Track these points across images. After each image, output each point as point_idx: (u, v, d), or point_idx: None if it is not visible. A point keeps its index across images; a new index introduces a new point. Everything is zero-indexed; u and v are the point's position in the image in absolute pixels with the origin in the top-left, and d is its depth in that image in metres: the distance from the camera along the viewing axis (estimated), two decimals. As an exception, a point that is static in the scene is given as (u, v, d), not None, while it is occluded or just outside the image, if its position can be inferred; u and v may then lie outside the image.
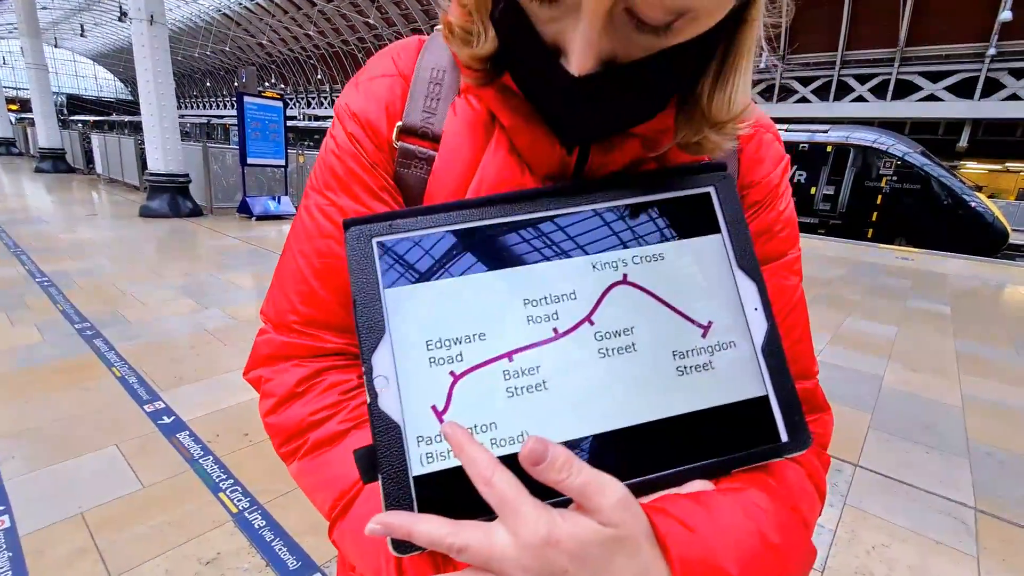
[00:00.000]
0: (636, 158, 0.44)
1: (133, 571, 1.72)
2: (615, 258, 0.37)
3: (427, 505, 0.33)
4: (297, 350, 0.48)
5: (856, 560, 1.93)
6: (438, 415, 0.33)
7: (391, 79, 0.48)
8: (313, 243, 0.47)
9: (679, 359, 0.36)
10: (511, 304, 0.35)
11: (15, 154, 19.69)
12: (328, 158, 0.48)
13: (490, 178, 0.45)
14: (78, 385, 2.94)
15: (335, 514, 0.42)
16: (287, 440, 0.46)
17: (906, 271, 7.52)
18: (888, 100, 18.62)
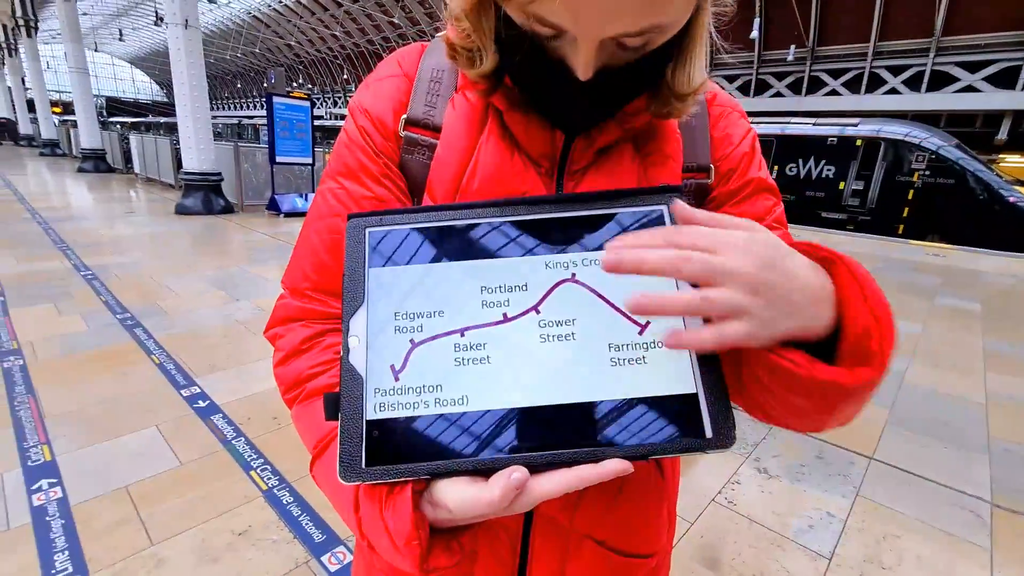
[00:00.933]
0: (614, 139, 0.52)
1: (172, 540, 1.86)
2: (567, 259, 0.42)
3: (372, 444, 0.38)
4: (307, 313, 0.56)
5: (865, 549, 1.95)
6: (395, 373, 0.40)
7: (397, 79, 0.56)
8: (325, 221, 0.55)
9: (614, 351, 0.39)
10: (470, 290, 0.41)
11: (59, 155, 20.60)
12: (341, 150, 0.56)
13: (485, 161, 0.52)
14: (120, 370, 3.13)
15: (315, 452, 0.49)
16: (289, 388, 0.53)
17: (937, 268, 7.31)
18: (923, 92, 17.97)
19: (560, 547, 0.56)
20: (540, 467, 0.36)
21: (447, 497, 0.37)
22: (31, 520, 1.91)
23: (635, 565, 0.60)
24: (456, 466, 0.37)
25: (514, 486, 0.34)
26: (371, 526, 0.40)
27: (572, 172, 0.53)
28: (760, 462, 2.48)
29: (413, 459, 0.38)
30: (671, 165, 0.55)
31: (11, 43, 23.93)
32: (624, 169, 0.53)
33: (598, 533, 0.57)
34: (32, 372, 3.05)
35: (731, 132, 0.58)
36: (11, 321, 3.80)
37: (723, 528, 2.04)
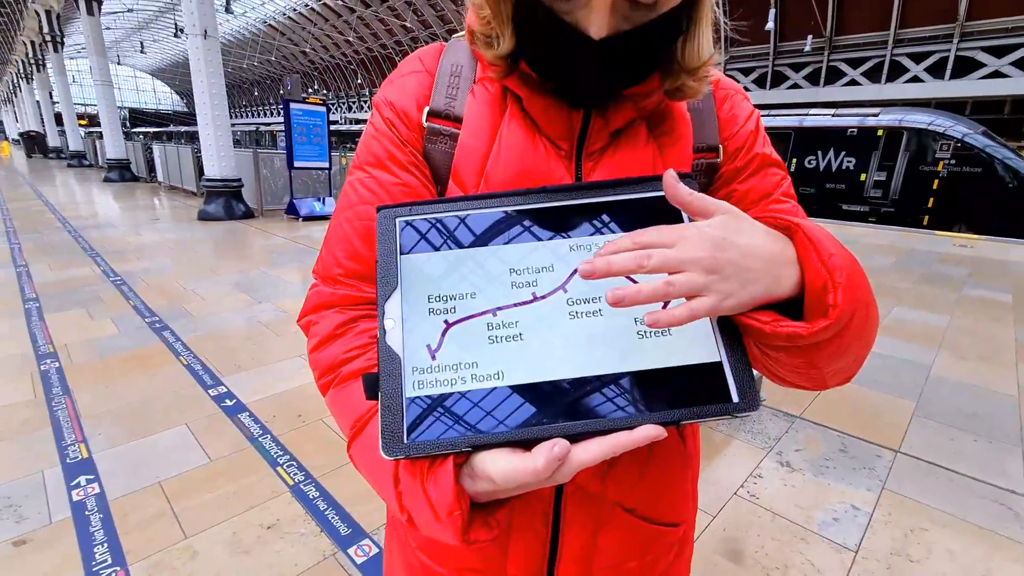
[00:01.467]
0: (629, 119, 0.55)
1: (205, 533, 1.92)
2: (590, 242, 0.44)
3: (414, 420, 0.40)
4: (340, 300, 0.57)
5: (892, 542, 1.92)
6: (431, 352, 0.41)
7: (419, 75, 0.59)
8: (355, 209, 0.58)
9: (640, 324, 0.41)
10: (499, 273, 0.43)
11: (86, 165, 21.23)
12: (368, 140, 0.59)
13: (507, 144, 0.55)
14: (150, 372, 3.23)
15: (352, 432, 0.50)
16: (324, 373, 0.55)
17: (964, 259, 7.13)
18: (947, 79, 17.49)
19: (592, 515, 0.58)
20: (577, 437, 0.38)
21: (489, 468, 0.37)
22: (71, 514, 1.99)
23: (663, 533, 0.62)
24: (496, 438, 0.38)
25: (557, 456, 0.35)
26: (412, 499, 0.42)
27: (590, 153, 0.55)
28: (782, 456, 2.46)
29: (453, 432, 0.39)
30: (682, 145, 0.57)
31: (39, 59, 24.73)
32: (639, 150, 0.55)
33: (628, 501, 0.59)
34: (68, 374, 3.17)
35: (737, 113, 0.61)
36: (47, 326, 3.94)
37: (746, 521, 2.03)
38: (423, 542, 0.63)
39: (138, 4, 39.34)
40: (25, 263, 5.80)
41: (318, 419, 2.72)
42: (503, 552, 0.59)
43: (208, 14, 8.23)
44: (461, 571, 0.61)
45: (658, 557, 0.63)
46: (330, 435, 2.59)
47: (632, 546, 0.60)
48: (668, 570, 0.65)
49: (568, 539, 0.58)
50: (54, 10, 19.17)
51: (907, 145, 11.14)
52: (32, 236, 7.32)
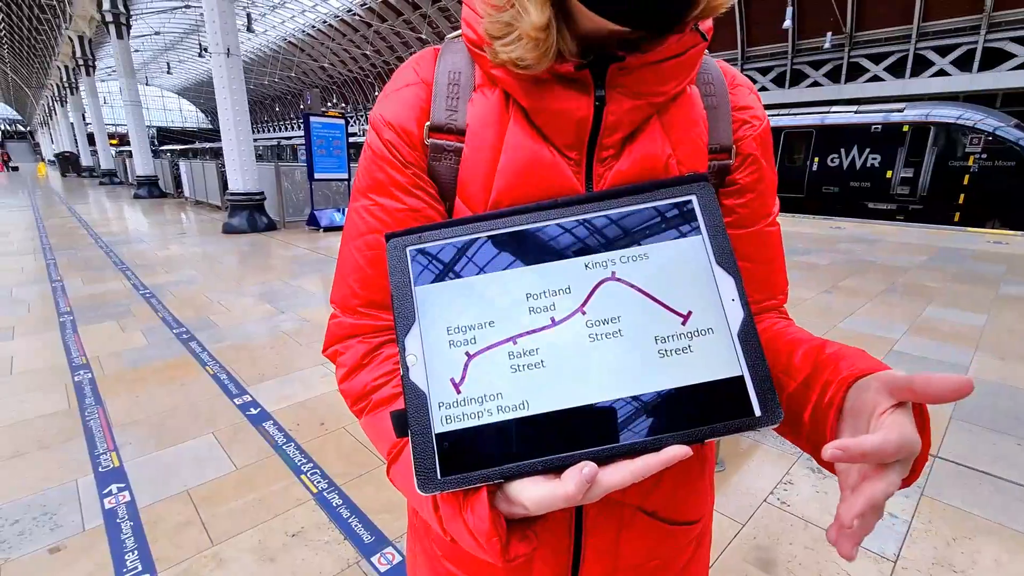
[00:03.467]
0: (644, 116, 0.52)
1: (231, 540, 1.94)
2: (605, 258, 0.43)
3: (445, 456, 0.40)
4: (361, 329, 0.57)
5: (934, 551, 1.84)
6: (455, 386, 0.41)
7: (415, 87, 0.56)
8: (364, 239, 0.57)
9: (660, 343, 0.41)
10: (516, 298, 0.43)
11: (116, 183, 21.98)
12: (368, 165, 0.57)
13: (515, 151, 0.52)
14: (178, 381, 3.30)
15: (390, 458, 0.50)
16: (356, 401, 0.56)
17: (999, 256, 6.87)
18: (975, 72, 16.98)
19: (613, 520, 0.58)
20: (604, 460, 0.38)
21: (523, 496, 0.38)
22: (103, 522, 2.03)
23: (682, 531, 0.63)
24: (527, 468, 0.39)
25: (586, 480, 0.36)
26: (452, 525, 0.43)
27: (601, 160, 0.53)
28: (813, 462, 2.37)
29: (484, 465, 0.40)
30: (698, 144, 0.55)
31: (73, 82, 25.79)
32: (654, 150, 0.53)
33: (648, 504, 0.59)
34: (100, 385, 3.26)
35: (754, 114, 0.59)
36: (80, 338, 4.07)
37: (776, 530, 1.97)
38: (448, 551, 0.62)
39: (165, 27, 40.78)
40: (60, 278, 6.01)
41: (340, 427, 2.74)
42: (528, 560, 0.58)
43: (231, 33, 8.47)
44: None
45: (678, 553, 0.64)
46: (352, 443, 2.60)
47: (653, 546, 0.61)
48: (688, 564, 0.66)
49: (591, 544, 0.58)
50: (86, 35, 19.98)
51: (935, 140, 10.84)
52: (67, 252, 7.59)
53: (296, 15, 37.25)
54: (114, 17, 14.75)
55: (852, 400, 0.42)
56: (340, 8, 33.84)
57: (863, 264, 6.40)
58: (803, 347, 0.52)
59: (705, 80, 0.58)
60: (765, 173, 0.59)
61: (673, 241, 0.43)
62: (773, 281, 0.63)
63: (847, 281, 5.64)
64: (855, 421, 0.42)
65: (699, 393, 0.40)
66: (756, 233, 0.60)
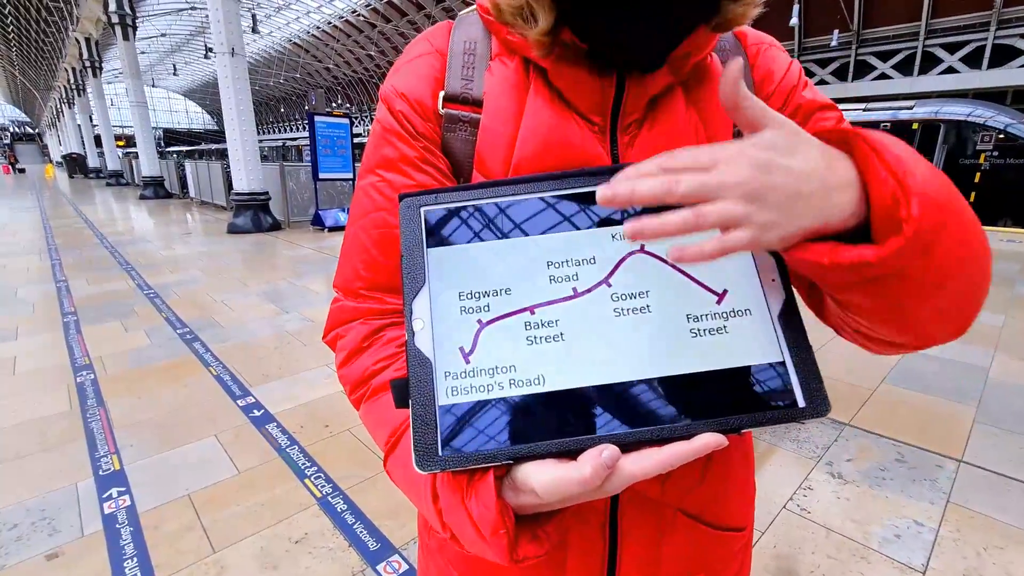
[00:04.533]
0: (666, 84, 0.49)
1: (233, 546, 1.88)
2: None
3: (448, 430, 0.36)
4: (363, 312, 0.54)
5: (964, 562, 1.76)
6: (464, 356, 0.38)
7: (429, 56, 0.53)
8: (370, 217, 0.53)
9: (693, 322, 0.38)
10: (536, 266, 0.40)
11: (123, 184, 22.06)
12: (378, 140, 0.54)
13: (534, 124, 0.49)
14: (181, 382, 3.25)
15: (387, 447, 0.47)
16: (355, 387, 0.52)
17: (1014, 255, 6.75)
18: (984, 69, 16.77)
19: (653, 523, 0.52)
20: (628, 446, 0.34)
21: (532, 480, 0.34)
22: (103, 527, 1.98)
23: (729, 539, 0.57)
24: (539, 449, 0.35)
25: (606, 464, 0.32)
26: (453, 516, 0.38)
27: (625, 127, 0.50)
28: (833, 466, 2.31)
29: (492, 443, 0.36)
30: (722, 113, 0.51)
31: (80, 84, 25.93)
32: (679, 119, 0.50)
33: (690, 505, 0.54)
34: (102, 385, 3.21)
35: (772, 68, 0.55)
36: (83, 338, 4.03)
37: (797, 538, 1.90)
38: (468, 570, 0.57)
39: (171, 29, 40.98)
40: (65, 278, 5.99)
41: (345, 429, 2.68)
42: (560, 571, 0.53)
43: (235, 33, 8.46)
44: None
45: (725, 566, 0.58)
46: (357, 445, 2.54)
47: (697, 555, 0.55)
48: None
49: (628, 551, 0.53)
50: (93, 37, 20.07)
51: (945, 138, 10.72)
52: (72, 252, 7.58)
53: (301, 16, 37.35)
54: (120, 19, 14.80)
55: None
56: (345, 9, 33.91)
57: (875, 263, 6.29)
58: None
59: (720, 47, 0.55)
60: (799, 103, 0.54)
61: None
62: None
63: (859, 280, 5.54)
64: None
65: (736, 378, 0.37)
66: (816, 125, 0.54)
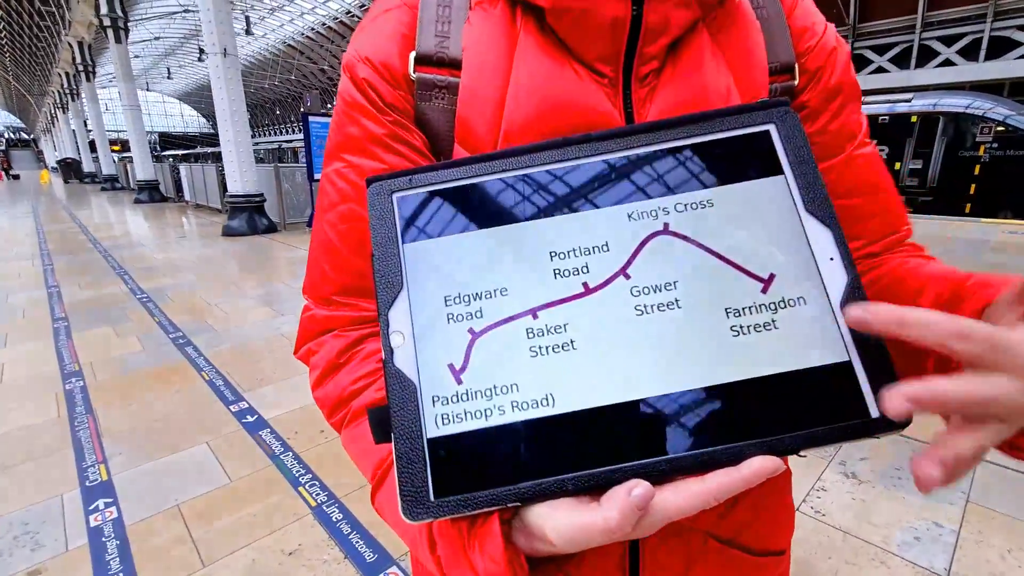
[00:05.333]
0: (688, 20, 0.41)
1: (224, 560, 1.80)
2: (655, 206, 0.33)
3: (440, 469, 0.30)
4: (337, 322, 0.47)
5: (988, 565, 1.69)
6: (455, 374, 0.31)
7: (397, 10, 0.45)
8: (337, 211, 0.46)
9: (734, 317, 0.31)
10: (536, 258, 0.33)
11: (118, 188, 21.99)
12: (340, 119, 0.46)
13: (528, 77, 0.41)
14: (173, 388, 3.17)
15: (374, 480, 0.40)
16: (333, 410, 0.45)
17: (1017, 246, 6.69)
18: (981, 61, 16.74)
19: (679, 552, 0.45)
20: (661, 476, 0.28)
21: (547, 527, 0.28)
22: (88, 541, 1.89)
23: (766, 564, 0.50)
24: (552, 486, 0.29)
25: (637, 504, 0.25)
26: (455, 569, 0.32)
27: (642, 78, 0.42)
28: (846, 466, 2.23)
29: (494, 482, 0.29)
30: (756, 61, 0.44)
31: (73, 89, 25.80)
32: (706, 67, 0.42)
33: (723, 530, 0.47)
34: (91, 392, 3.13)
35: (814, 20, 0.49)
36: (73, 344, 3.94)
37: (813, 542, 1.82)
38: None
39: (164, 32, 40.83)
40: (57, 283, 5.90)
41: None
42: None
43: (227, 33, 8.36)
44: None
45: None
46: (354, 451, 2.46)
47: None
48: None
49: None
50: (86, 41, 19.96)
51: (944, 130, 10.70)
52: (65, 257, 7.49)
53: (295, 18, 37.25)
54: (112, 22, 14.69)
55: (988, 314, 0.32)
56: (339, 10, 33.82)
57: (878, 257, 6.23)
58: (937, 280, 0.40)
59: None
60: (843, 84, 0.48)
61: (747, 183, 0.33)
62: (889, 211, 0.50)
63: (863, 274, 5.49)
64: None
65: (791, 385, 0.30)
66: (847, 160, 0.49)
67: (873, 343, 0.30)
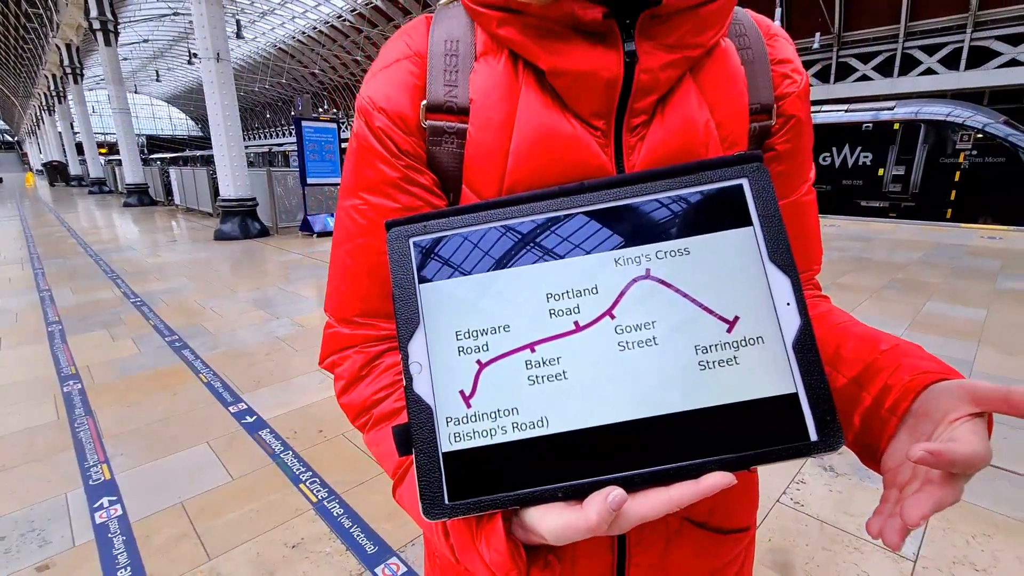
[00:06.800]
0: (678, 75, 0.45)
1: (228, 553, 1.86)
2: (638, 253, 0.38)
3: (453, 478, 0.36)
4: (358, 339, 0.53)
5: (954, 550, 1.80)
6: (465, 399, 0.37)
7: (407, 61, 0.49)
8: (355, 243, 0.52)
9: (702, 353, 0.36)
10: (534, 298, 0.38)
11: (106, 192, 21.74)
12: (358, 160, 0.51)
13: (531, 125, 0.45)
14: (171, 390, 3.21)
15: (396, 477, 0.47)
16: (357, 416, 0.52)
17: (994, 251, 6.89)
18: (962, 70, 17.16)
19: (660, 533, 0.53)
20: (634, 486, 0.34)
21: (540, 526, 0.35)
22: (94, 537, 1.95)
23: (733, 540, 0.58)
24: (545, 494, 0.35)
25: (612, 508, 0.32)
26: (465, 556, 0.39)
27: (632, 128, 0.46)
28: (825, 460, 2.34)
29: (498, 489, 0.36)
30: (738, 108, 0.49)
31: (60, 91, 25.53)
32: (692, 113, 0.46)
33: (697, 514, 0.54)
34: (90, 395, 3.16)
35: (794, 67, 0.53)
36: (69, 348, 3.96)
37: (792, 530, 1.92)
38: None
39: (153, 35, 40.54)
40: (48, 288, 5.89)
41: (339, 433, 2.67)
42: None
43: (220, 38, 8.40)
44: None
45: (729, 565, 0.59)
46: (352, 449, 2.53)
47: (704, 559, 0.56)
48: (739, 573, 0.61)
49: (636, 561, 0.53)
50: (74, 43, 19.79)
51: (925, 137, 10.92)
52: (55, 261, 7.45)
53: (286, 22, 37.15)
54: (102, 24, 14.60)
55: (919, 404, 0.39)
56: (330, 14, 33.79)
57: (861, 261, 6.40)
58: (853, 338, 0.47)
59: (738, 32, 0.51)
60: (805, 137, 0.54)
61: (719, 234, 0.38)
62: (809, 252, 0.58)
63: (846, 278, 5.63)
64: (917, 424, 0.38)
65: (746, 412, 0.35)
66: (794, 204, 0.55)
67: (815, 375, 0.35)
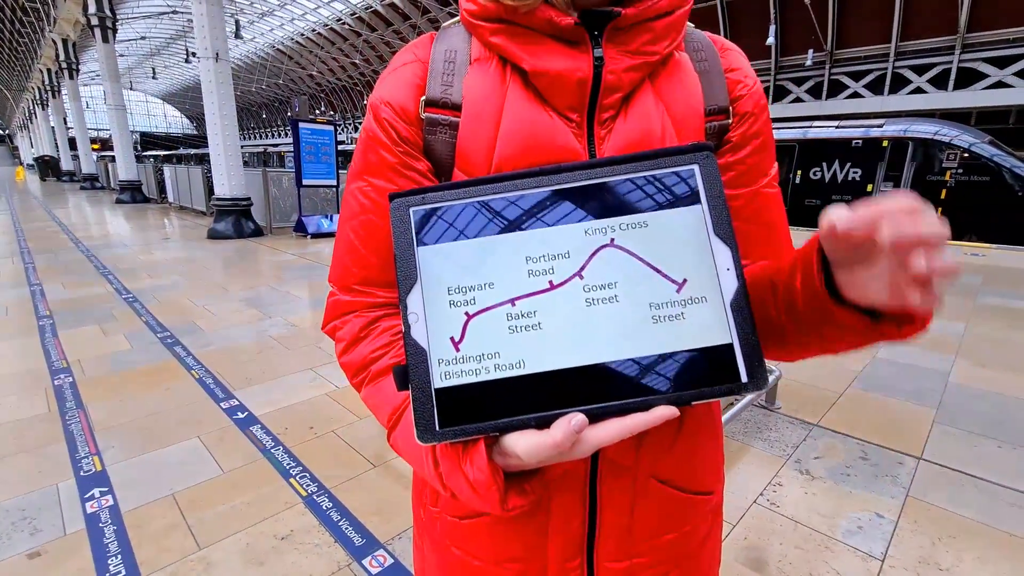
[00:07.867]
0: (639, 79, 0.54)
1: (219, 544, 1.90)
2: (604, 225, 0.44)
3: (443, 409, 0.42)
4: (358, 305, 0.60)
5: (920, 550, 1.87)
6: (455, 344, 0.43)
7: (412, 65, 0.59)
8: (359, 220, 0.59)
9: (655, 309, 0.42)
10: (515, 260, 0.44)
11: (98, 188, 21.60)
12: (365, 148, 0.59)
13: (515, 120, 0.54)
14: (163, 385, 3.24)
15: (390, 424, 0.53)
16: (356, 373, 0.58)
17: (976, 268, 7.06)
18: (950, 90, 17.54)
19: (628, 489, 0.58)
20: (595, 418, 0.40)
21: (516, 447, 0.40)
22: (85, 526, 1.98)
23: (698, 502, 0.63)
24: (520, 423, 0.41)
25: (574, 429, 0.38)
26: (452, 480, 0.45)
27: (602, 122, 0.54)
28: (801, 464, 2.41)
29: (481, 419, 0.42)
30: (692, 107, 0.57)
31: (55, 86, 25.39)
32: (650, 113, 0.54)
33: (662, 472, 0.59)
34: (81, 389, 3.18)
35: (747, 73, 0.61)
36: (60, 342, 3.97)
37: (767, 530, 1.99)
38: (460, 538, 0.62)
39: (151, 32, 40.42)
40: (39, 282, 5.88)
41: (329, 431, 2.71)
42: (543, 536, 0.58)
43: (220, 38, 8.44)
44: (501, 562, 0.60)
45: (695, 527, 0.64)
46: (342, 446, 2.57)
47: (669, 517, 0.61)
48: (705, 540, 0.66)
49: (606, 516, 0.58)
50: (70, 39, 19.73)
51: (913, 155, 11.12)
52: (46, 256, 7.43)
53: (285, 23, 37.22)
54: (100, 21, 14.58)
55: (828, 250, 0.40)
56: (330, 17, 33.91)
57: (846, 274, 6.51)
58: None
59: (694, 47, 0.60)
60: (762, 131, 0.61)
61: (673, 210, 0.44)
62: (776, 243, 0.62)
63: (831, 290, 5.74)
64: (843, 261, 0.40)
65: (689, 358, 0.42)
66: (755, 193, 0.61)
67: (748, 329, 0.42)
